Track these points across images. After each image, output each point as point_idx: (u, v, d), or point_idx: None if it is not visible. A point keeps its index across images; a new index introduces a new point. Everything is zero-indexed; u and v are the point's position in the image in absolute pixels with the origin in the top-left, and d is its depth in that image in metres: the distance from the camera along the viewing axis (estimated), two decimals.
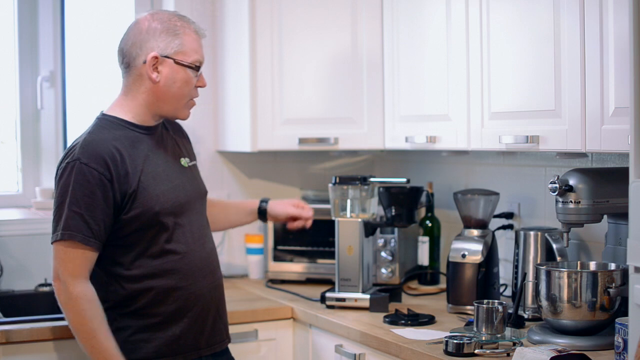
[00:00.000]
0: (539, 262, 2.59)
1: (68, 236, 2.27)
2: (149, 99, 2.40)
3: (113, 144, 2.33)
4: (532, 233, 2.65)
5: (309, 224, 2.91)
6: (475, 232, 2.82)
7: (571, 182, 2.29)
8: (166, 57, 2.37)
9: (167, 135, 2.52)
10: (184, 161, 2.51)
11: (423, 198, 3.13)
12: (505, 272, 2.97)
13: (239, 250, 3.58)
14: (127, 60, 2.41)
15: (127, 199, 2.31)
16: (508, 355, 2.19)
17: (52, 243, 2.34)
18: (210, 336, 2.45)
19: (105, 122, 2.42)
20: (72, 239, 2.28)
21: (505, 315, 2.34)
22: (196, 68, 2.42)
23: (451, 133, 2.73)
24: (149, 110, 2.42)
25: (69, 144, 3.74)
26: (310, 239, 3.35)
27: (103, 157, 2.30)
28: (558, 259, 2.49)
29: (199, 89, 2.48)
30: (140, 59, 2.38)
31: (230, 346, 2.60)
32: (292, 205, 2.92)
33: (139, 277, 2.36)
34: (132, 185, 2.31)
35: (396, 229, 3.15)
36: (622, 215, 2.21)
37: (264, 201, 2.90)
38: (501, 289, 2.93)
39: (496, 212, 2.93)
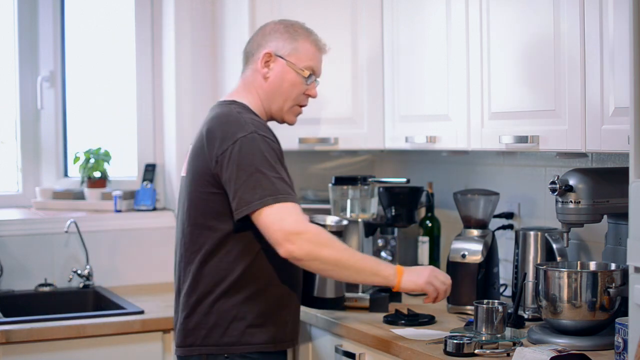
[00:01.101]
0: (539, 262, 2.59)
1: (283, 199, 2.26)
2: (261, 95, 2.51)
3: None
4: (532, 233, 2.65)
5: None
6: (475, 232, 2.82)
7: (571, 182, 2.29)
8: (279, 56, 2.50)
9: None
10: None
11: (423, 198, 3.13)
12: (505, 272, 2.97)
13: None
14: (247, 56, 2.56)
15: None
16: (508, 355, 2.19)
17: (255, 210, 2.26)
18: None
19: (243, 107, 2.46)
20: (286, 201, 2.26)
21: (505, 315, 2.34)
22: (306, 75, 2.51)
23: (451, 133, 2.73)
24: (262, 105, 2.52)
25: (69, 144, 3.80)
26: None
27: (271, 131, 2.39)
28: (558, 259, 2.49)
29: (310, 99, 2.59)
30: (257, 55, 2.52)
31: None
32: None
33: (272, 255, 2.35)
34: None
35: (396, 229, 3.15)
36: (622, 215, 2.21)
37: None
38: (501, 289, 2.93)
39: (496, 212, 2.93)
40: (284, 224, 2.24)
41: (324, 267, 2.30)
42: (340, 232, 2.59)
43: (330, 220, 2.61)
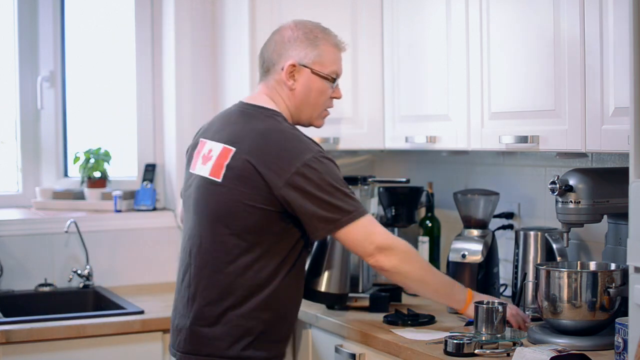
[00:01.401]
0: (539, 262, 2.59)
1: (364, 212, 2.34)
2: (289, 105, 2.47)
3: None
4: (532, 233, 2.65)
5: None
6: (475, 232, 2.82)
7: (571, 182, 2.29)
8: (304, 66, 2.44)
9: None
10: None
11: (423, 198, 3.13)
12: (505, 272, 2.97)
13: None
14: (266, 65, 2.49)
15: None
16: (508, 355, 2.19)
17: (343, 227, 2.31)
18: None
19: (285, 120, 2.44)
20: (365, 214, 2.34)
21: (505, 315, 2.34)
22: (332, 79, 2.48)
23: (451, 133, 2.73)
24: (291, 114, 2.48)
25: (69, 144, 3.80)
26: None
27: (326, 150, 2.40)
28: (558, 259, 2.49)
29: (335, 100, 2.55)
30: (279, 65, 2.45)
31: None
32: None
33: (299, 273, 2.43)
34: None
35: (396, 229, 3.15)
36: (622, 215, 2.21)
37: None
38: (501, 289, 2.93)
39: (496, 212, 2.93)
40: (376, 238, 2.34)
41: (405, 280, 2.42)
42: None
43: None
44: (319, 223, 2.30)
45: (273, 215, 2.31)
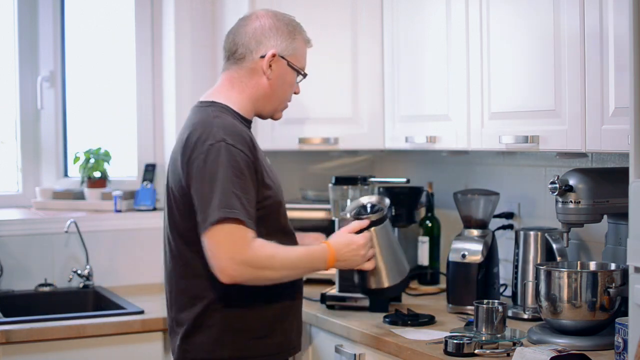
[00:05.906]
0: (539, 262, 2.59)
1: (232, 214, 2.12)
2: (256, 94, 2.38)
3: (244, 129, 2.31)
4: (532, 233, 2.65)
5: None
6: (475, 232, 2.82)
7: (571, 182, 2.29)
8: (282, 57, 2.38)
9: None
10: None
11: (423, 198, 3.13)
12: (505, 272, 2.97)
13: None
14: (241, 52, 2.37)
15: (260, 186, 2.25)
16: (508, 355, 2.19)
17: (207, 228, 2.14)
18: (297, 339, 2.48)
19: (222, 109, 2.33)
20: (236, 217, 2.13)
21: (505, 315, 2.34)
22: (302, 74, 2.44)
23: (451, 133, 2.74)
24: (253, 105, 2.40)
25: (69, 144, 3.80)
26: None
27: (245, 139, 2.24)
28: (558, 259, 2.49)
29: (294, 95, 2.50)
30: (257, 53, 2.36)
31: None
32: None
33: None
34: (261, 172, 2.26)
35: (396, 229, 3.15)
36: (622, 215, 2.21)
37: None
38: (501, 289, 2.93)
39: (496, 212, 2.93)
40: (227, 249, 2.14)
41: (272, 282, 2.27)
42: (382, 219, 2.44)
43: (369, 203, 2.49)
44: (198, 217, 2.19)
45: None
